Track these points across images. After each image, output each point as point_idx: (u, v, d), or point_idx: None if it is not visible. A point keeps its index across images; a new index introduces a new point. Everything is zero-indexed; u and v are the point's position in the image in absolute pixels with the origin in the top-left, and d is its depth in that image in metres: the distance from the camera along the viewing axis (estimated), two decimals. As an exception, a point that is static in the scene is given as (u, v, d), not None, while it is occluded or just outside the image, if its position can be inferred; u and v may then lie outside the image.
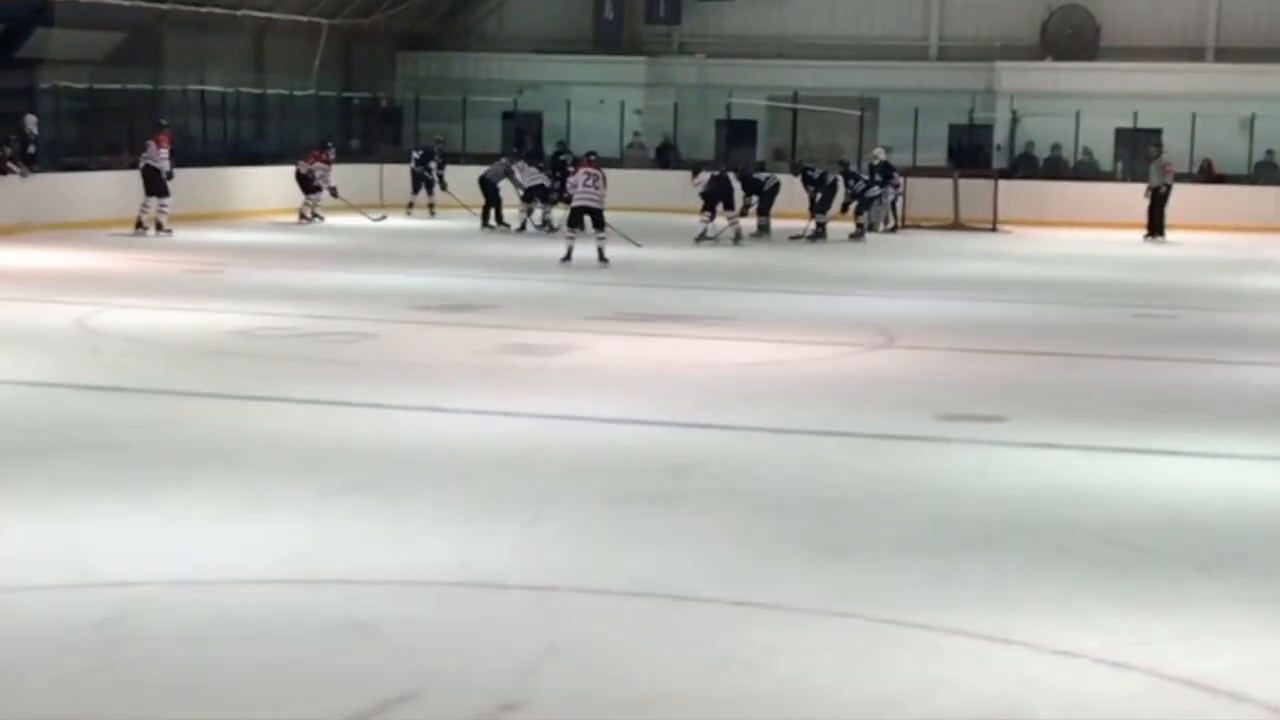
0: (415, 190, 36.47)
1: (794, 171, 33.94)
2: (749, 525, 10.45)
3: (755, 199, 32.19)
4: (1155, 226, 34.02)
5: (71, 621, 8.24)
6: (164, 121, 31.05)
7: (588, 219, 25.99)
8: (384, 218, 35.07)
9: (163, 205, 29.53)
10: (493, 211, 33.59)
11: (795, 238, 31.70)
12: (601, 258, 25.48)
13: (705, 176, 30.94)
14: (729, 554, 9.76)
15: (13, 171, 29.58)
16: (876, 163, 33.83)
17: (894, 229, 34.82)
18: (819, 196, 32.65)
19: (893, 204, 34.96)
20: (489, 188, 33.81)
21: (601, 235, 25.70)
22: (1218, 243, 33.68)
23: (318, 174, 34.46)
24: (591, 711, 7.18)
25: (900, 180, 34.80)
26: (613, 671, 7.69)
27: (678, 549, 9.85)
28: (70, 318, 19.04)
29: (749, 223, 31.63)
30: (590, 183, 26.05)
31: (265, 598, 8.77)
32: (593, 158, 27.76)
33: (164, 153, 29.56)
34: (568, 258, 25.67)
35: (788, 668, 7.78)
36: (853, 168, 33.95)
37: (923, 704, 7.32)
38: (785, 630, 8.39)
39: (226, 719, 6.99)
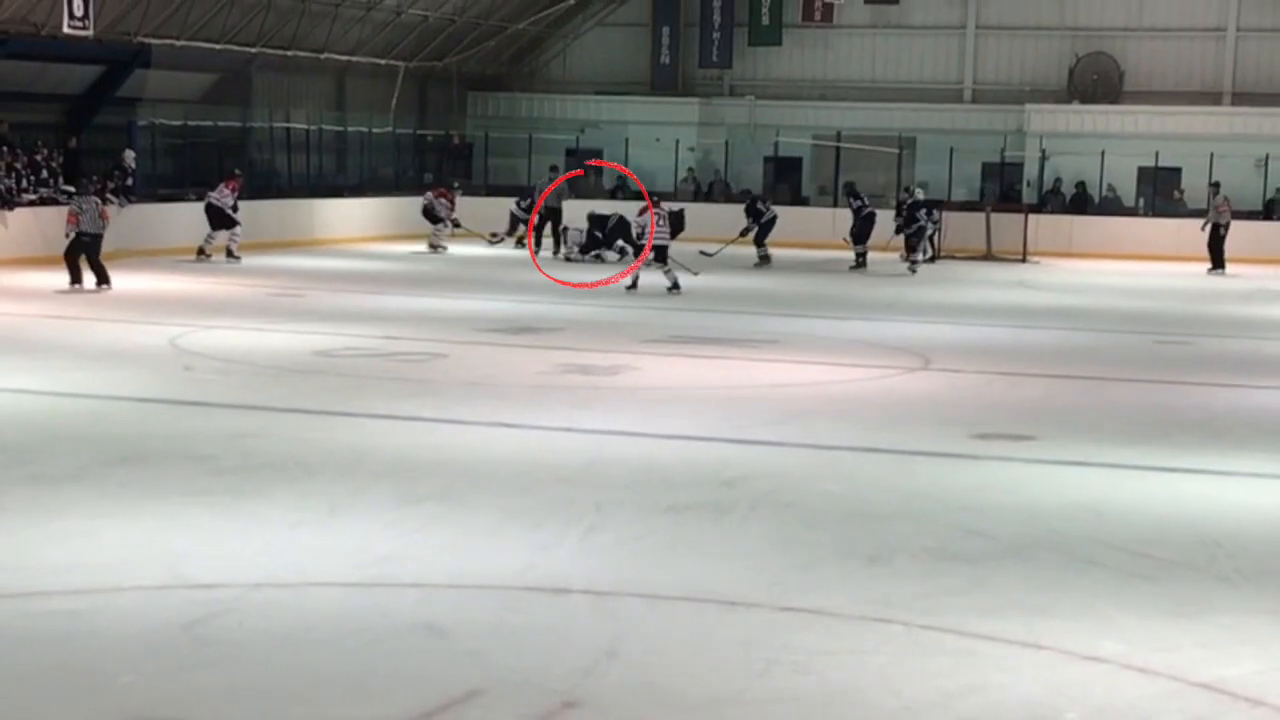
0: (511, 230, 36.33)
1: (848, 196, 34.27)
2: (794, 535, 10.40)
3: (755, 227, 32.65)
4: (1216, 260, 33.87)
5: (162, 621, 8.24)
6: (238, 171, 31.35)
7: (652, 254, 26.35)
8: (500, 240, 35.97)
9: (233, 235, 29.91)
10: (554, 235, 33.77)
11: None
12: (674, 286, 25.73)
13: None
14: (776, 562, 9.71)
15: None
16: (910, 200, 33.70)
17: (932, 259, 34.73)
18: (855, 228, 32.83)
19: (930, 237, 34.89)
20: (555, 215, 34.02)
21: (667, 268, 25.91)
22: (1228, 273, 33.48)
23: (440, 208, 34.90)
24: (647, 709, 7.14)
25: (938, 215, 34.73)
26: (667, 672, 7.65)
27: (728, 557, 9.81)
28: (164, 338, 19.13)
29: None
30: (660, 223, 26.24)
31: (342, 600, 8.76)
32: (657, 199, 27.92)
33: (228, 194, 29.89)
34: (634, 285, 25.99)
35: (832, 670, 7.73)
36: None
37: (959, 705, 7.26)
38: (829, 635, 8.33)
39: (306, 716, 6.96)
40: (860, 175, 38.57)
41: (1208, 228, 34.13)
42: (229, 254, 29.66)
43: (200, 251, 29.68)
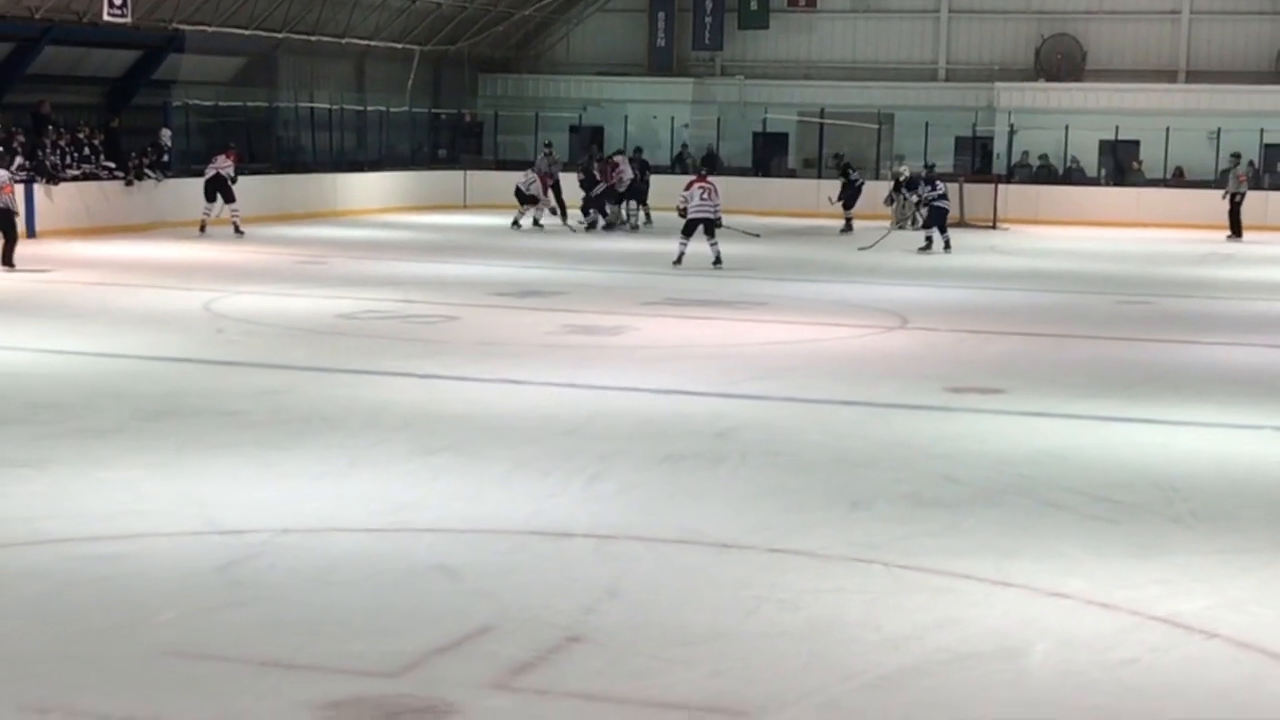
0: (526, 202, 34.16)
1: (839, 171, 34.29)
2: (782, 482, 10.39)
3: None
4: (1235, 228, 33.76)
5: (196, 565, 8.23)
6: (232, 144, 30.58)
7: (700, 228, 24.86)
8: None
9: (234, 210, 29.13)
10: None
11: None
12: (717, 260, 24.37)
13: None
14: (765, 507, 9.71)
15: (149, 177, 29.70)
16: (904, 177, 33.51)
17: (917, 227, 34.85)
18: (844, 195, 33.00)
19: (917, 206, 34.88)
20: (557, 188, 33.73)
21: (714, 241, 24.56)
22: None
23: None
24: (645, 644, 7.13)
25: (942, 186, 34.80)
26: (664, 609, 7.64)
27: (721, 503, 9.81)
28: (198, 302, 19.11)
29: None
30: (705, 195, 24.96)
31: (364, 544, 8.76)
32: (704, 172, 27.08)
33: (230, 165, 29.34)
34: (679, 261, 24.62)
35: (818, 607, 7.72)
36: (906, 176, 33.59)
37: (935, 638, 7.26)
38: (815, 574, 8.33)
39: (330, 650, 6.96)
40: (843, 149, 38.52)
41: (1227, 197, 33.96)
42: (235, 229, 28.92)
43: (202, 227, 28.96)
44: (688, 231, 24.88)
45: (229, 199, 29.09)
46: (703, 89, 43.42)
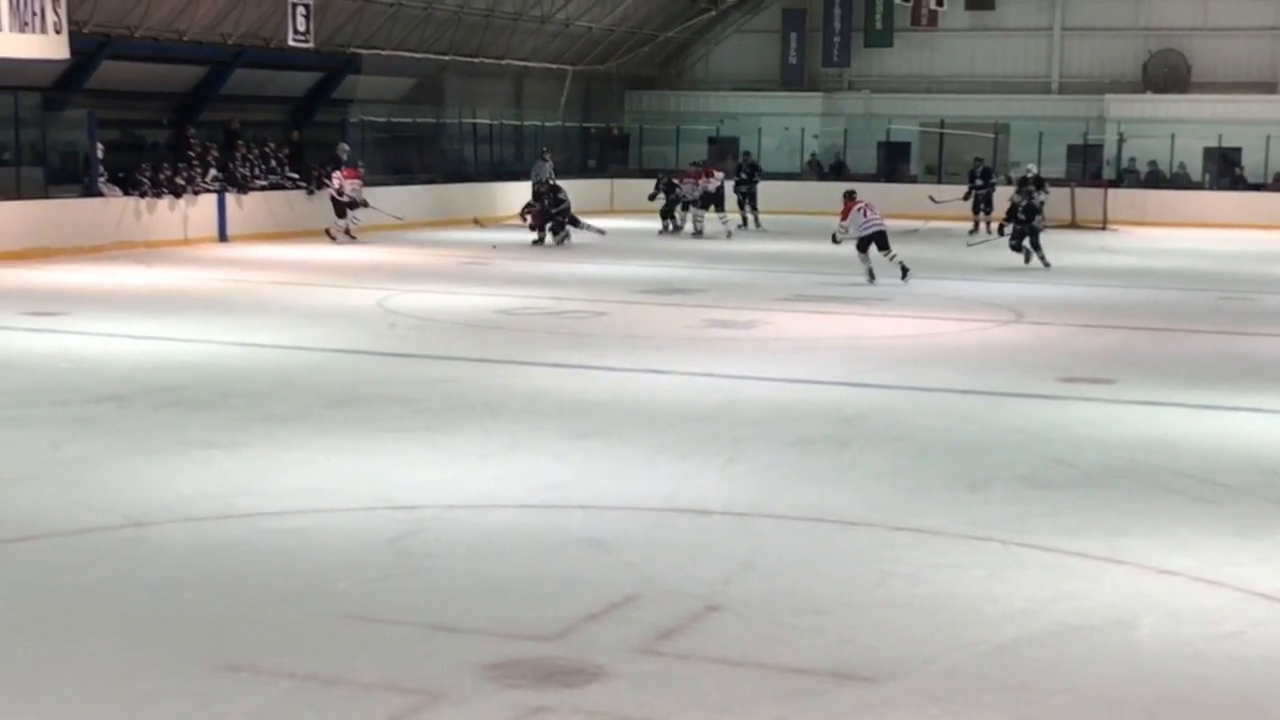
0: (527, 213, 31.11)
1: (977, 176, 33.77)
2: (904, 465, 10.28)
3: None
4: None
5: (370, 537, 8.31)
6: (343, 157, 29.85)
7: (873, 244, 22.53)
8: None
9: (352, 218, 28.45)
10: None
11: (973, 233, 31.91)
12: (905, 272, 22.20)
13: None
14: (888, 488, 9.61)
15: (328, 186, 30.08)
16: (1030, 176, 33.07)
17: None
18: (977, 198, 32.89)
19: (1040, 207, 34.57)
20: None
21: (892, 254, 22.40)
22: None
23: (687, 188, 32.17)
24: (778, 613, 7.08)
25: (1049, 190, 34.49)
26: (795, 581, 7.59)
27: (847, 483, 9.73)
28: (372, 300, 19.31)
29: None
30: (868, 213, 22.54)
31: (521, 519, 8.79)
32: (853, 194, 23.60)
33: (336, 181, 28.37)
34: (872, 279, 22.22)
35: (938, 581, 7.63)
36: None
37: (1049, 611, 7.14)
38: (935, 551, 8.23)
39: (491, 615, 6.98)
40: (961, 157, 38.11)
41: None
42: (347, 233, 28.24)
43: (347, 232, 28.37)
44: (863, 248, 22.68)
45: (339, 213, 28.40)
46: (831, 102, 43.17)
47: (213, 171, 28.32)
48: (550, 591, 7.34)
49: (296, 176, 30.20)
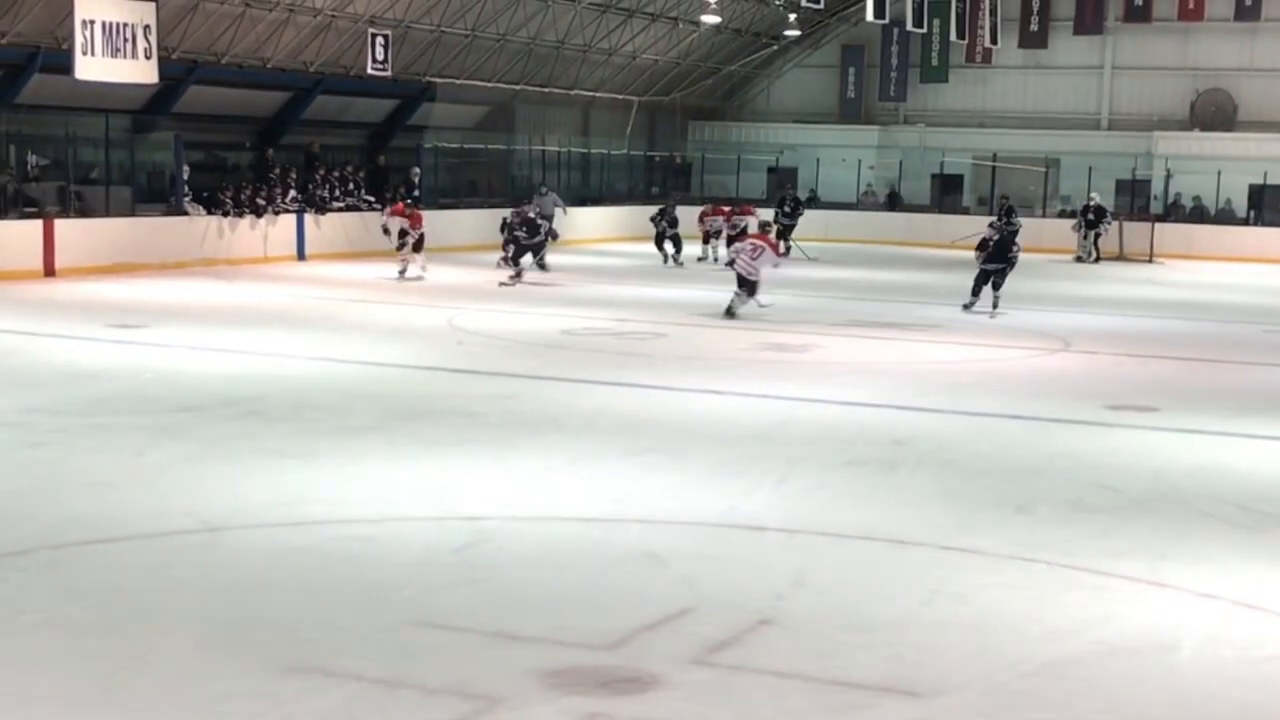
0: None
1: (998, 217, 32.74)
2: (953, 487, 10.21)
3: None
4: None
5: (437, 546, 8.32)
6: (393, 195, 28.99)
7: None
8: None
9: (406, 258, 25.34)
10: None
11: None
12: (995, 305, 21.23)
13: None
14: (937, 509, 9.54)
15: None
16: (1094, 202, 33.00)
17: (1096, 260, 34.17)
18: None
19: (1096, 239, 34.38)
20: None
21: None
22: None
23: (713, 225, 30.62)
24: (829, 628, 7.04)
25: (1110, 221, 34.44)
26: (846, 597, 7.54)
27: (897, 504, 9.67)
28: (443, 319, 19.38)
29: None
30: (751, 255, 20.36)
31: (581, 532, 8.78)
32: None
33: (385, 218, 25.96)
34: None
35: (985, 600, 7.57)
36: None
37: (1092, 632, 7.07)
38: (983, 571, 8.16)
39: (550, 624, 6.98)
40: (1012, 190, 37.93)
41: None
42: (401, 274, 25.03)
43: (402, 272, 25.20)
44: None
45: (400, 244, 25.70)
46: (887, 135, 43.09)
47: (292, 193, 28.54)
48: (608, 602, 7.33)
49: (372, 199, 30.39)
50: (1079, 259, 34.17)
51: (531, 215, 25.21)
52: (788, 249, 32.96)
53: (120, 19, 23.57)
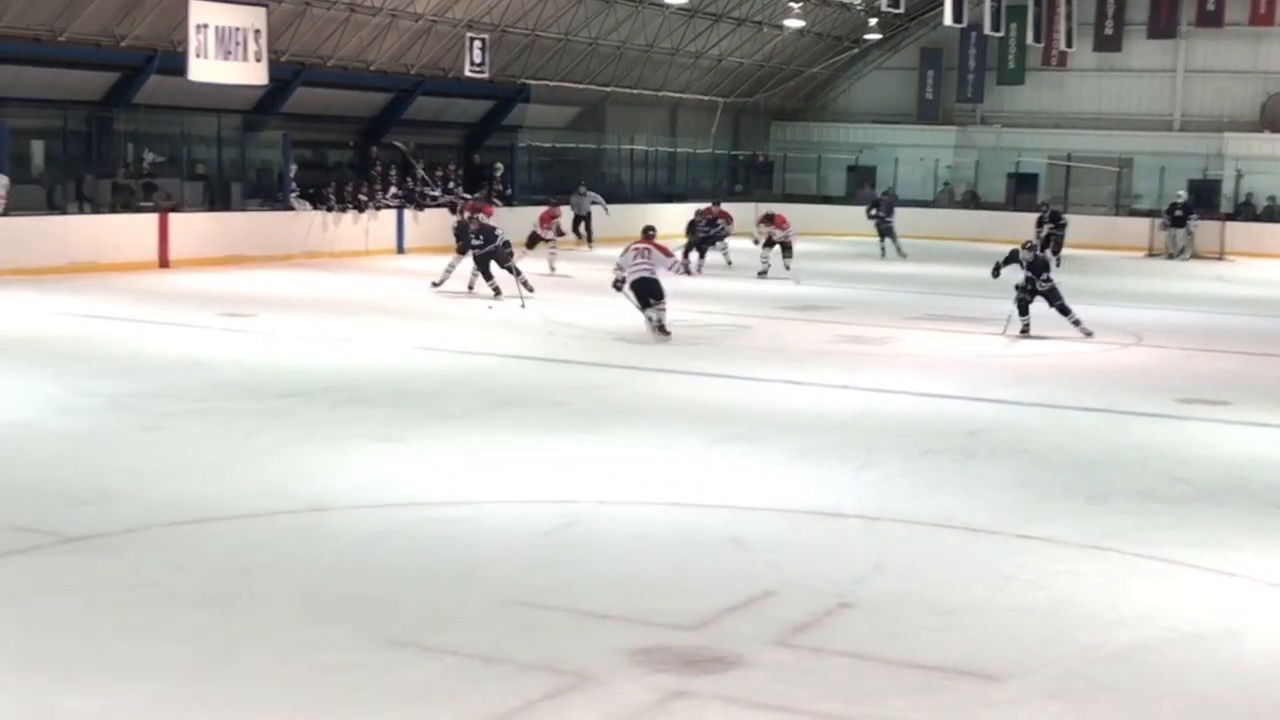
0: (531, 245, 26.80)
1: (1039, 223, 30.71)
2: (1027, 476, 10.11)
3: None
4: None
5: (526, 529, 8.35)
6: (469, 197, 28.03)
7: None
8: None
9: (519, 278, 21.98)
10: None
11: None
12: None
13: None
14: (1012, 498, 9.45)
15: (495, 205, 30.26)
16: (1182, 200, 32.64)
17: (1188, 256, 33.76)
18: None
19: (1189, 238, 33.99)
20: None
21: (659, 311, 17.09)
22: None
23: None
24: (906, 612, 6.99)
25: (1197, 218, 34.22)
26: (923, 583, 7.49)
27: (973, 492, 9.58)
28: (536, 311, 19.42)
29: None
30: (648, 258, 17.75)
31: (668, 516, 8.78)
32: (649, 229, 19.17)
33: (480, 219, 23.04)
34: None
35: (1058, 587, 7.48)
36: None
37: (1164, 619, 6.97)
38: (1056, 558, 8.07)
39: (638, 605, 6.98)
40: (1086, 189, 37.55)
41: None
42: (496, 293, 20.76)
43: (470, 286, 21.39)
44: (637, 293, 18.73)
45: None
46: (964, 136, 42.71)
47: (393, 189, 28.75)
48: (693, 585, 7.32)
49: (468, 196, 30.50)
50: (1170, 255, 33.74)
51: (490, 223, 21.47)
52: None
53: (232, 23, 23.85)
